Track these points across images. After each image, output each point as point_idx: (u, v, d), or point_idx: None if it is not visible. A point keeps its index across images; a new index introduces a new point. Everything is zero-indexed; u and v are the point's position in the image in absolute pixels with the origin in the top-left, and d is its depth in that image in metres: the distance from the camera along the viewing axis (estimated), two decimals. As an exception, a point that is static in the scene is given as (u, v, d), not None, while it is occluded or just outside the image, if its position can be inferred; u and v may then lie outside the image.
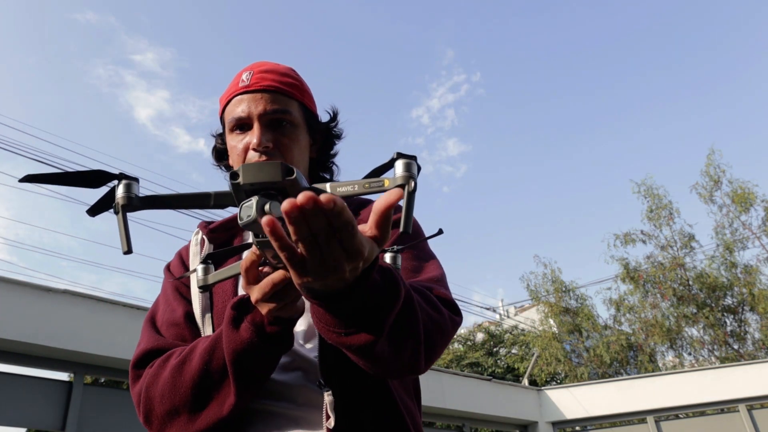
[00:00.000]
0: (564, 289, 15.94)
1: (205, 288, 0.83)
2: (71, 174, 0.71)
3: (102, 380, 8.00)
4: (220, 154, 1.15)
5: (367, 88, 35.02)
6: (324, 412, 0.84)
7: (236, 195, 0.64)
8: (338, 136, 1.16)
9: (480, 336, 19.23)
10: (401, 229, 0.66)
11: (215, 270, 0.84)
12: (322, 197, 0.54)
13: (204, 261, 0.83)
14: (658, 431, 7.60)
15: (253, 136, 1.00)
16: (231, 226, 1.09)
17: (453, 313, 0.89)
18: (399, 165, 0.68)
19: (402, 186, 0.66)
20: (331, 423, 0.82)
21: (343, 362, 0.79)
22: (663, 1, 26.55)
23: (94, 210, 0.75)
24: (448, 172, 33.24)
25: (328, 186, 0.69)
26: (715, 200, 14.83)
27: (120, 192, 0.71)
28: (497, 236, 35.31)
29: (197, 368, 0.83)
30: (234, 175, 0.63)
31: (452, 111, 31.93)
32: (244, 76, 1.05)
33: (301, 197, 0.53)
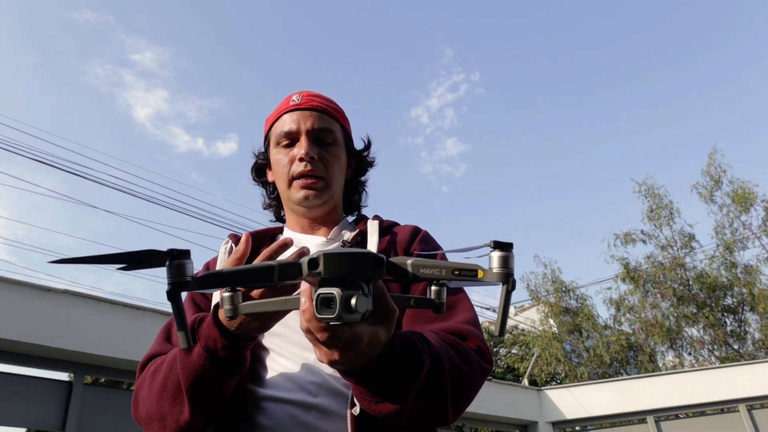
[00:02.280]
0: (564, 289, 15.93)
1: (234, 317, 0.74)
2: (115, 255, 0.60)
3: (102, 380, 8.01)
4: (261, 170, 1.23)
5: (366, 88, 35.04)
6: (349, 400, 0.88)
7: (309, 280, 0.57)
8: (371, 164, 1.26)
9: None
10: (496, 333, 0.64)
11: (244, 298, 0.76)
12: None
13: (232, 289, 0.73)
14: (658, 431, 7.60)
15: (300, 148, 1.09)
16: (259, 237, 1.16)
17: (484, 362, 0.92)
18: (495, 257, 0.61)
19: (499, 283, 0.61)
20: (357, 410, 0.86)
21: None
22: (664, 0, 26.56)
23: (129, 267, 0.63)
24: (447, 172, 33.26)
25: (409, 264, 0.63)
26: (715, 200, 14.84)
27: (172, 275, 0.59)
28: (497, 236, 35.14)
29: (161, 381, 0.88)
30: (313, 263, 0.55)
31: (451, 110, 31.92)
32: (294, 97, 1.14)
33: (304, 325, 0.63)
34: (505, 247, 0.62)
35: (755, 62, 23.88)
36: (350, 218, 1.25)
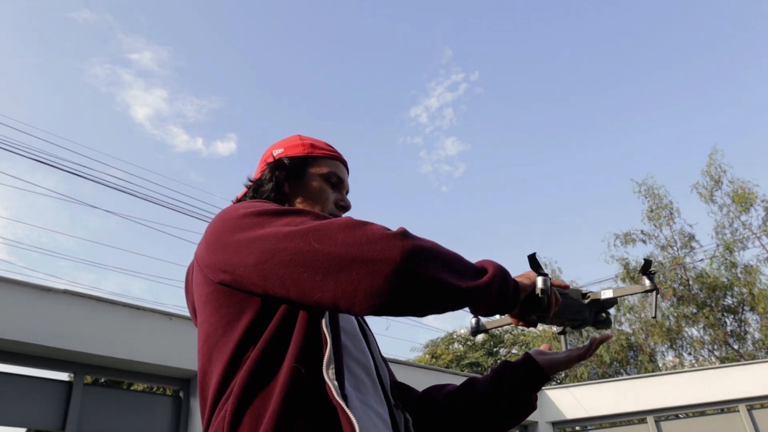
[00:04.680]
0: (564, 289, 15.91)
1: (476, 333, 1.34)
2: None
3: (102, 380, 8.01)
4: (288, 178, 1.21)
5: (365, 87, 35.01)
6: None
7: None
8: None
9: (480, 336, 19.24)
10: (652, 315, 1.01)
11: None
12: None
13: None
14: (658, 431, 7.60)
15: (346, 199, 1.27)
16: None
17: None
18: (646, 280, 1.20)
19: (651, 290, 1.22)
20: None
21: None
22: (664, 0, 26.56)
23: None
24: (446, 172, 33.21)
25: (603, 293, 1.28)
26: (715, 200, 14.86)
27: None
28: (497, 236, 35.30)
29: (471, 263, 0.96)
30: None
31: (451, 110, 31.86)
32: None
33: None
34: (651, 271, 1.20)
35: (756, 62, 23.89)
36: None
